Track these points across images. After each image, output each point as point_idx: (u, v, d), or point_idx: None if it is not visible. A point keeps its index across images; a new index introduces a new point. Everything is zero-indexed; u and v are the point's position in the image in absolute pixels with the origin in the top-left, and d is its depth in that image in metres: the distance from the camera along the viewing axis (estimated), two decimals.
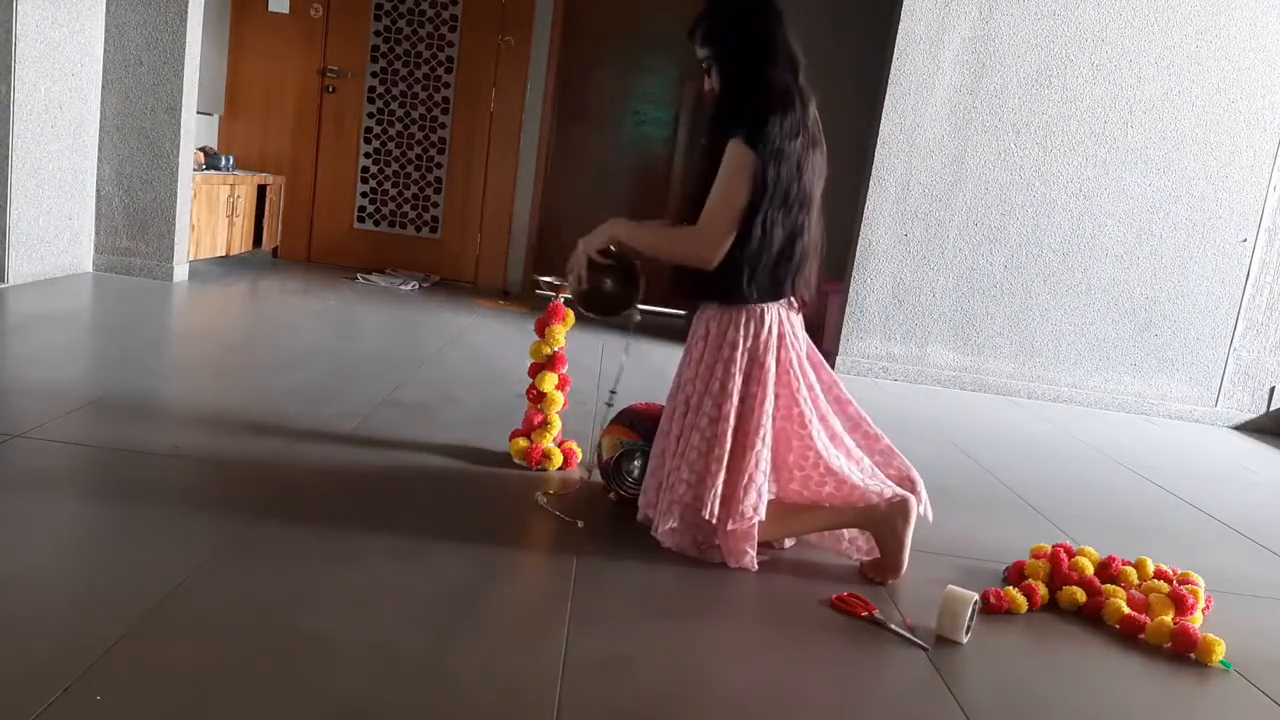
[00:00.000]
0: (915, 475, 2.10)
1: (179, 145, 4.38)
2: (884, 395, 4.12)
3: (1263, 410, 4.51)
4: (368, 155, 5.79)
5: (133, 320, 3.74)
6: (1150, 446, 3.86)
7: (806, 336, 2.10)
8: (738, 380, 1.96)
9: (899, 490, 2.03)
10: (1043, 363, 4.48)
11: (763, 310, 2.00)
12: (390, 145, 5.78)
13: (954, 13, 4.23)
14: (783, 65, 1.98)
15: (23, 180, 3.89)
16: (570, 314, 2.52)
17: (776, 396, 1.98)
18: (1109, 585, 2.08)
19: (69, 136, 4.16)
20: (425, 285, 5.48)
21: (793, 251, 2.00)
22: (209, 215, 4.78)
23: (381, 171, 5.81)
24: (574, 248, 2.16)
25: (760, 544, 1.98)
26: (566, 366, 2.54)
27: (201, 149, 5.09)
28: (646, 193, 5.84)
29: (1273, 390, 4.50)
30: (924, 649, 1.75)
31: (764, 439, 1.94)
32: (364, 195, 5.84)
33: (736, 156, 1.93)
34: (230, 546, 1.78)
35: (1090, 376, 4.49)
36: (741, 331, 1.99)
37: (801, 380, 2.01)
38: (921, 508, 2.07)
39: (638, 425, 2.26)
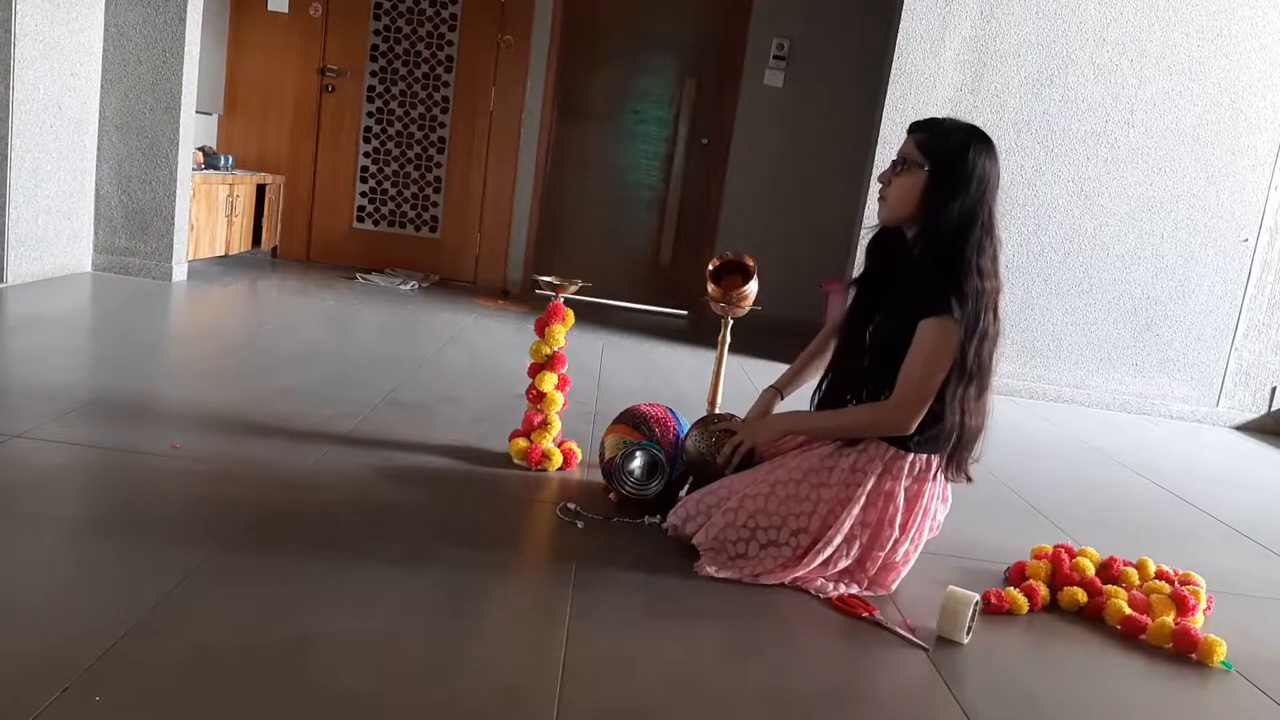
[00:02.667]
0: None
1: (178, 145, 4.37)
2: None
3: (1264, 410, 4.50)
4: (367, 155, 5.79)
5: (131, 320, 3.73)
6: (1151, 446, 3.86)
7: None
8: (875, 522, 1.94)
9: None
10: (1043, 362, 4.47)
11: (919, 467, 1.96)
12: (390, 145, 5.78)
13: (955, 12, 4.23)
14: (994, 240, 1.93)
15: (22, 180, 3.89)
16: (570, 314, 2.51)
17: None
18: (1110, 586, 2.07)
19: (68, 136, 4.16)
20: (425, 285, 5.48)
21: (978, 431, 1.95)
22: (208, 215, 4.78)
23: (381, 171, 5.81)
24: (730, 426, 2.12)
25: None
26: (566, 366, 2.53)
27: (201, 148, 5.09)
28: (646, 192, 5.84)
29: (1274, 390, 4.50)
30: (925, 650, 1.74)
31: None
32: (363, 195, 5.83)
33: (947, 332, 1.86)
34: (229, 546, 1.78)
35: (1091, 376, 4.49)
36: (903, 476, 1.95)
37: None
38: None
39: (641, 425, 2.26)
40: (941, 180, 1.87)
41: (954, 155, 1.87)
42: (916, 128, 1.96)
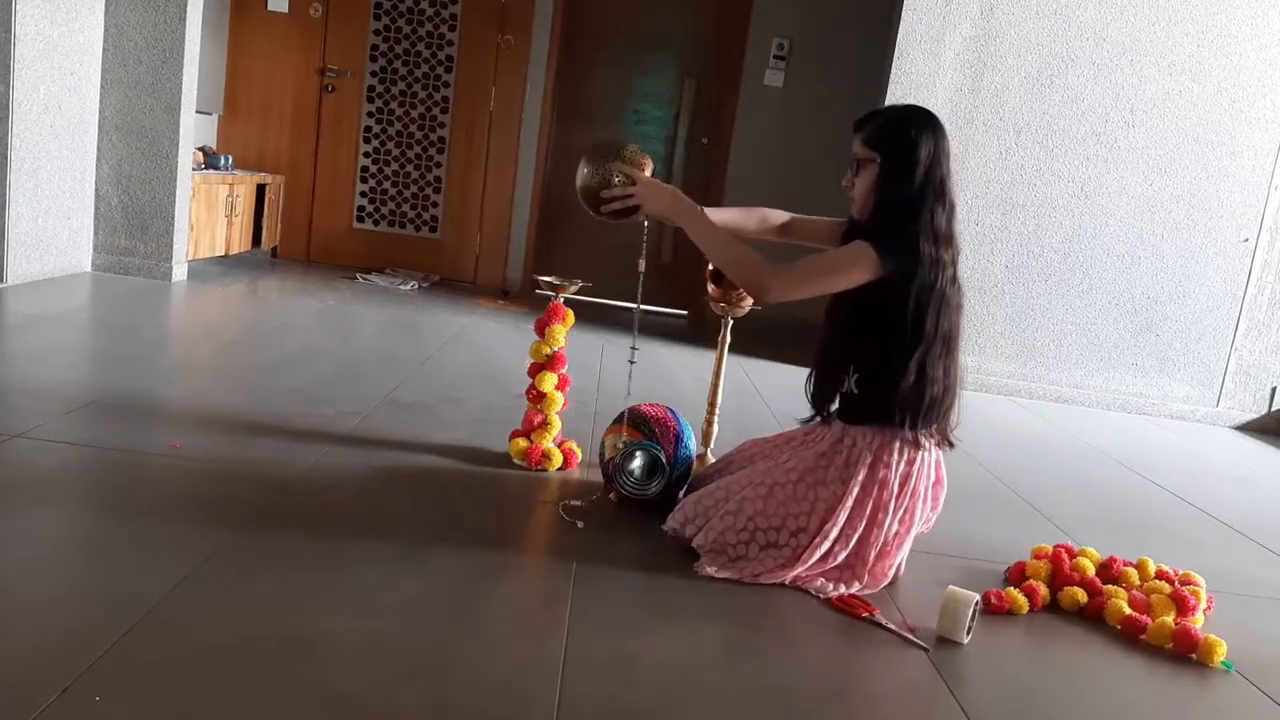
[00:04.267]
0: None
1: (178, 145, 4.37)
2: None
3: (1264, 410, 4.50)
4: (367, 155, 5.79)
5: (131, 320, 3.73)
6: (1151, 447, 3.86)
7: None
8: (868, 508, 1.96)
9: None
10: (1044, 362, 4.47)
11: (916, 445, 1.96)
12: (390, 145, 5.78)
13: (955, 12, 4.23)
14: (948, 206, 1.93)
15: (21, 180, 3.89)
16: (570, 314, 2.52)
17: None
18: (1110, 586, 2.07)
19: (68, 136, 4.16)
20: (425, 285, 5.48)
21: (950, 394, 1.96)
22: (208, 215, 4.78)
23: (381, 171, 5.80)
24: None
25: None
26: (566, 366, 2.53)
27: (200, 148, 5.09)
28: None
29: (1274, 390, 4.49)
30: (925, 650, 1.74)
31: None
32: (363, 195, 5.83)
33: (863, 253, 1.89)
34: (229, 546, 1.78)
35: (1091, 376, 4.49)
36: (894, 461, 1.96)
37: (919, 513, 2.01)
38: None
39: (641, 425, 2.26)
40: (893, 167, 1.93)
41: (899, 140, 1.93)
42: (860, 124, 2.01)
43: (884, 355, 1.94)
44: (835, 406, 2.07)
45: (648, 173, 2.12)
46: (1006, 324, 4.45)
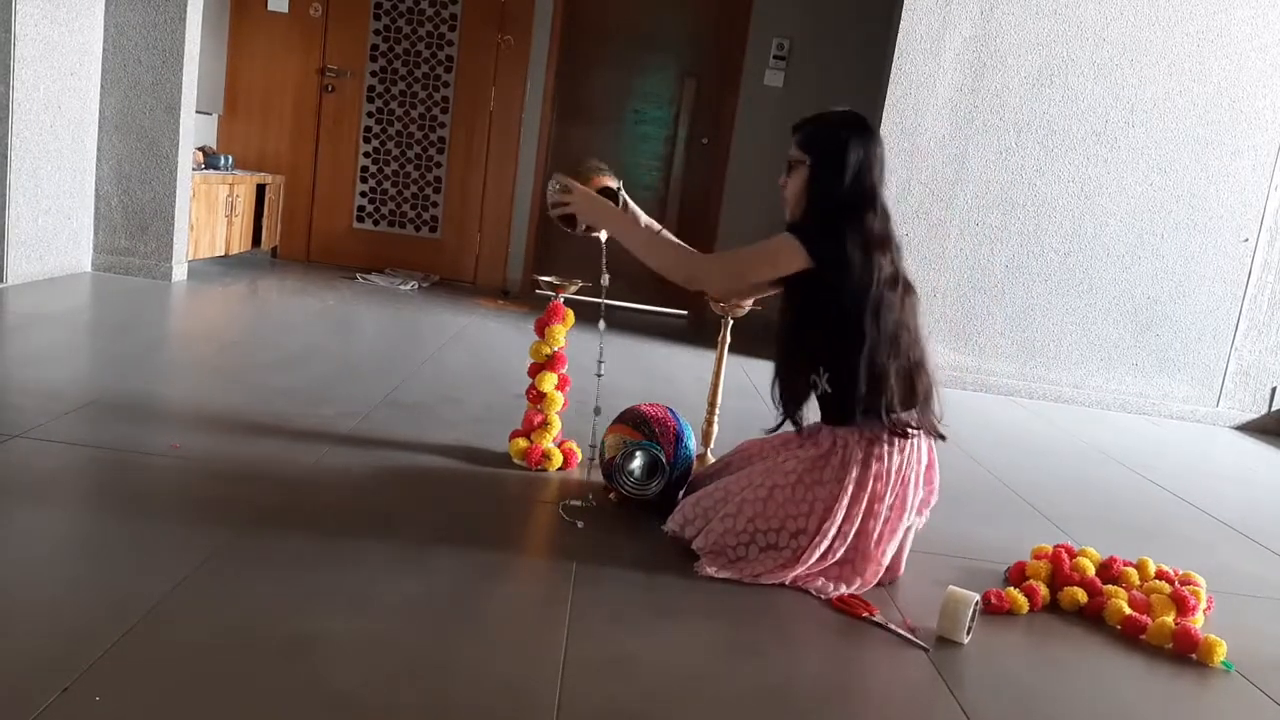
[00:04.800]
0: None
1: (178, 145, 4.37)
2: None
3: (1264, 410, 4.50)
4: (367, 155, 5.79)
5: (132, 320, 3.73)
6: (1152, 447, 3.86)
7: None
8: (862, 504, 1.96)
9: None
10: (1044, 363, 4.47)
11: (904, 434, 1.97)
12: (389, 145, 5.78)
13: (955, 12, 4.23)
14: (879, 211, 1.97)
15: (21, 180, 3.89)
16: (570, 314, 2.51)
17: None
18: (1110, 586, 2.07)
19: (68, 136, 4.16)
20: (425, 285, 5.48)
21: (919, 387, 1.99)
22: (208, 215, 4.78)
23: (381, 171, 5.80)
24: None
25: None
26: (566, 366, 2.53)
27: (200, 148, 5.09)
28: (646, 192, 5.83)
29: (1274, 390, 4.49)
30: (925, 650, 1.74)
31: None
32: (363, 195, 5.83)
33: (786, 245, 1.95)
34: (229, 547, 1.78)
35: (1091, 376, 4.49)
36: (885, 454, 1.97)
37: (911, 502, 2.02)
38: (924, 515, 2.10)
39: (641, 425, 2.26)
40: (822, 171, 1.98)
41: (830, 145, 1.98)
42: (796, 127, 2.05)
43: (841, 355, 1.97)
44: (816, 409, 2.09)
45: (612, 184, 2.26)
46: (1006, 324, 4.45)
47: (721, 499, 2.03)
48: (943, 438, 2.03)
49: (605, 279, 2.21)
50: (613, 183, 2.28)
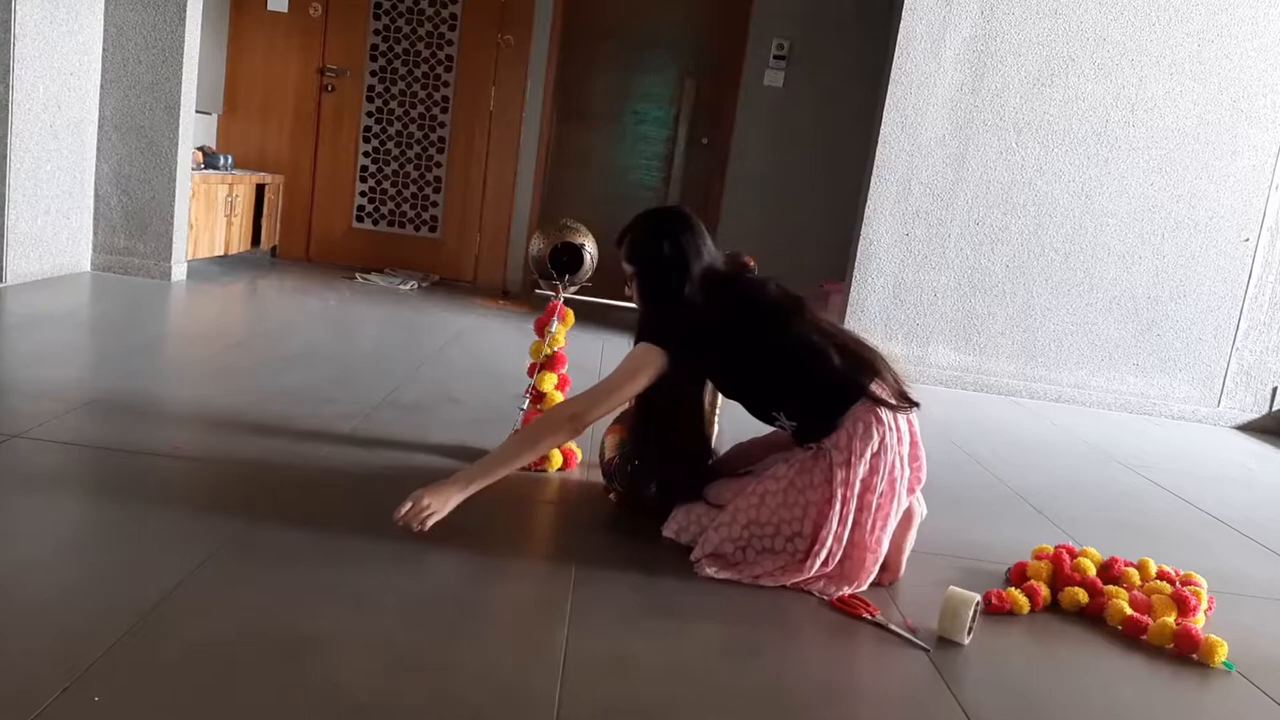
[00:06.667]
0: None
1: (177, 144, 4.37)
2: None
3: (1265, 410, 4.50)
4: (367, 154, 5.78)
5: (131, 320, 3.73)
6: (1152, 447, 3.86)
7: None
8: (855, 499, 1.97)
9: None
10: (1044, 362, 4.47)
11: (875, 427, 1.97)
12: (389, 144, 5.78)
13: (955, 11, 4.22)
14: (695, 277, 2.05)
15: (21, 180, 3.89)
16: (570, 314, 2.52)
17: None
18: (1111, 586, 2.07)
19: (67, 136, 4.16)
20: (424, 285, 5.47)
21: (863, 359, 2.01)
22: (207, 214, 4.77)
23: (380, 171, 5.80)
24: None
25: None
26: (566, 366, 2.53)
27: (200, 148, 5.09)
28: (646, 192, 5.83)
29: (1275, 390, 4.49)
30: (925, 650, 1.74)
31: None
32: (363, 194, 5.83)
33: (642, 352, 2.03)
34: (229, 547, 1.78)
35: (1092, 376, 4.48)
36: (866, 447, 1.97)
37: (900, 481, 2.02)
38: (921, 511, 2.10)
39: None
40: (649, 274, 2.11)
41: (647, 251, 2.11)
42: (618, 243, 2.17)
43: (784, 394, 2.04)
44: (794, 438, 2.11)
45: (578, 241, 2.49)
46: (1007, 324, 4.45)
47: (714, 508, 2.04)
48: (915, 404, 2.03)
49: (525, 402, 2.26)
50: (585, 241, 2.49)
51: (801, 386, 2.02)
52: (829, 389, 1.99)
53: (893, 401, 1.98)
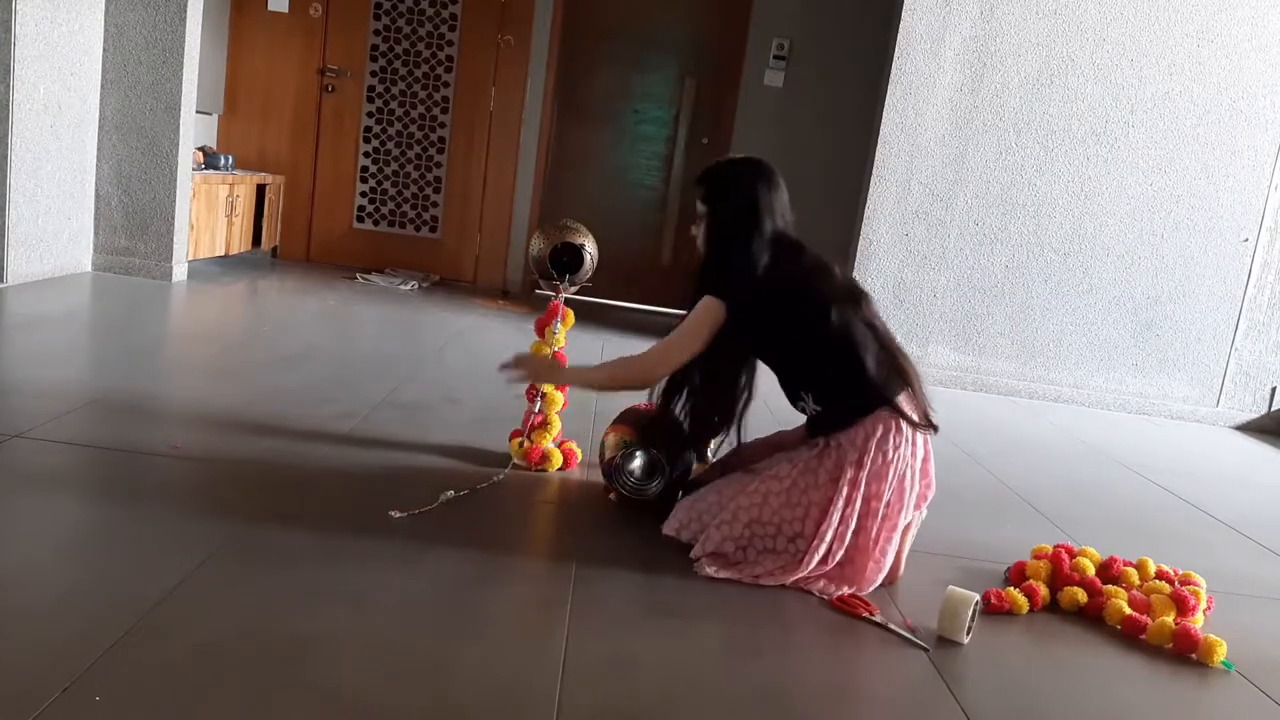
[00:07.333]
0: None
1: (178, 145, 4.37)
2: None
3: (1264, 410, 4.50)
4: (367, 155, 5.78)
5: (132, 320, 3.73)
6: (1151, 447, 3.86)
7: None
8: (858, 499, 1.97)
9: None
10: (1044, 363, 4.47)
11: (891, 436, 1.98)
12: (390, 145, 5.78)
13: (955, 12, 4.22)
14: (766, 235, 2.06)
15: (21, 180, 3.89)
16: (570, 314, 2.52)
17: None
18: (1110, 586, 2.07)
19: (68, 136, 4.16)
20: (425, 285, 5.48)
21: (899, 373, 2.02)
22: (208, 215, 4.77)
23: (381, 171, 5.80)
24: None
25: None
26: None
27: (201, 148, 5.09)
28: (646, 192, 5.83)
29: (1274, 390, 4.49)
30: (925, 649, 1.74)
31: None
32: (363, 195, 5.83)
33: (705, 305, 2.05)
34: (229, 547, 1.78)
35: (1091, 376, 4.49)
36: (878, 451, 1.98)
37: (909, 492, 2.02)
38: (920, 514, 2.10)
39: (642, 424, 2.26)
40: (720, 218, 2.10)
41: (724, 194, 2.11)
42: (697, 181, 2.18)
43: (818, 376, 2.05)
44: (807, 424, 2.13)
45: (579, 241, 2.49)
46: (1006, 324, 4.45)
47: (716, 505, 2.04)
48: (935, 428, 2.03)
49: (449, 494, 2.19)
50: (585, 241, 2.50)
51: (835, 375, 2.02)
52: (860, 386, 1.99)
53: (915, 419, 1.98)
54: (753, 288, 2.03)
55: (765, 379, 2.22)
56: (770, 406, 2.30)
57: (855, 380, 1.99)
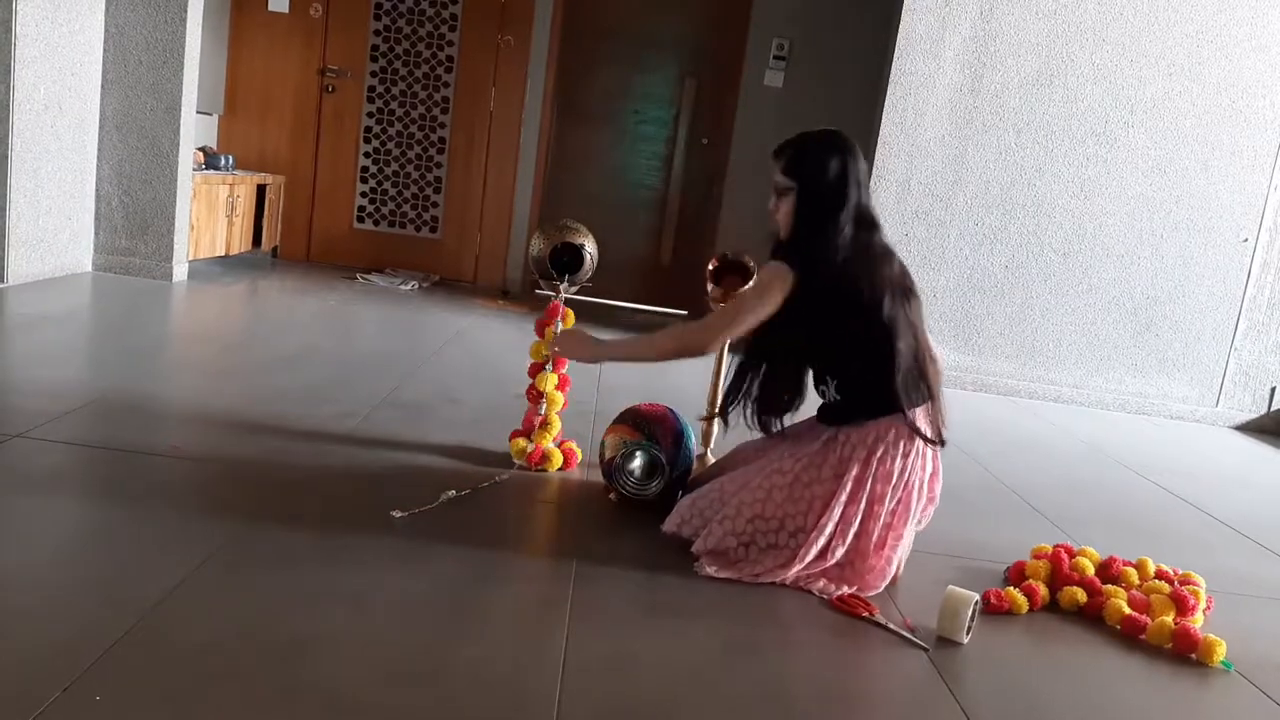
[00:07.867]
0: None
1: (178, 145, 4.37)
2: None
3: (1263, 410, 4.50)
4: (367, 155, 5.79)
5: (132, 320, 3.73)
6: (1151, 447, 3.86)
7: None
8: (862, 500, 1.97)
9: None
10: (1044, 363, 4.47)
11: (910, 438, 1.98)
12: (390, 145, 5.78)
13: (954, 12, 4.23)
14: (852, 209, 2.01)
15: (22, 180, 3.89)
16: (570, 314, 2.52)
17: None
18: (1110, 586, 2.07)
19: (68, 136, 4.16)
20: (425, 285, 5.48)
21: (924, 384, 2.01)
22: (208, 215, 4.77)
23: (381, 171, 5.80)
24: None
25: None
26: (567, 366, 2.53)
27: (201, 149, 5.09)
28: (646, 192, 5.83)
29: (1273, 390, 4.49)
30: (924, 649, 1.74)
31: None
32: (363, 195, 5.83)
33: (775, 275, 2.00)
34: (229, 547, 1.78)
35: (1091, 376, 4.49)
36: (888, 453, 1.98)
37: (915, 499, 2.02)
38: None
39: (641, 425, 2.26)
40: (809, 193, 2.02)
41: (813, 168, 2.03)
42: (778, 153, 2.09)
43: (850, 365, 2.01)
44: (819, 412, 2.11)
45: (579, 241, 2.49)
46: (1006, 324, 4.45)
47: (718, 500, 2.04)
48: (943, 443, 2.03)
49: (400, 513, 2.08)
50: (585, 241, 2.50)
51: (862, 369, 1.99)
52: (882, 388, 1.97)
53: (926, 432, 1.98)
54: (829, 260, 1.97)
55: None
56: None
57: (880, 380, 1.97)
